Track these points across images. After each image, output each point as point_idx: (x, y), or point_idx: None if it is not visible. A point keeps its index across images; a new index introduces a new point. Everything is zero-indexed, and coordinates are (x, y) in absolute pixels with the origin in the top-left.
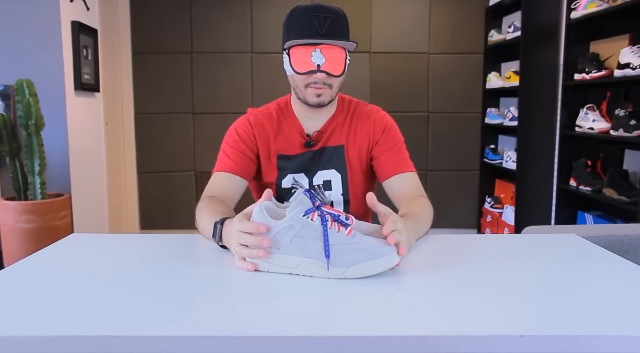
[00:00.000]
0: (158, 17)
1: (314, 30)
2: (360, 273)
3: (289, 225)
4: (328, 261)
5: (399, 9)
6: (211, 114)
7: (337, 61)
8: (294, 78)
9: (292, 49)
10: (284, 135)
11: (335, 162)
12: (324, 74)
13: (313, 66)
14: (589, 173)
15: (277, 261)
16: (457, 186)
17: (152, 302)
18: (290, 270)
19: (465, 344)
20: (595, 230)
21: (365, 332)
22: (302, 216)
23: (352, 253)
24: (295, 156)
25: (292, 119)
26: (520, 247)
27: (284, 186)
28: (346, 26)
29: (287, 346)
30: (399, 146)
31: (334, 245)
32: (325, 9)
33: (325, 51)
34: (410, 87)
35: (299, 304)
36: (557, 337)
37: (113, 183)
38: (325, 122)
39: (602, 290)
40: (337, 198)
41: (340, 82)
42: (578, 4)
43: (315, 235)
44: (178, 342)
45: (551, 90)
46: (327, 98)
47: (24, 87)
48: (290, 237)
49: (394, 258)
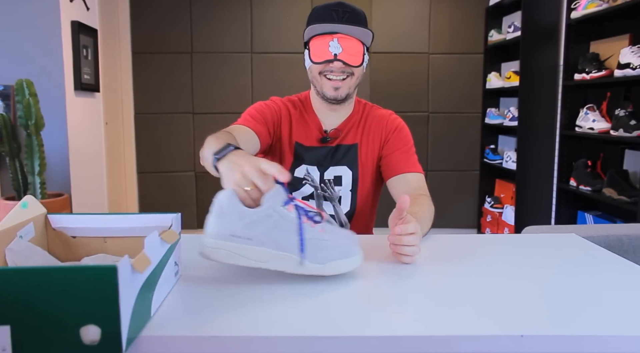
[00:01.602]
0: (158, 17)
1: (332, 20)
2: (336, 270)
3: (267, 214)
4: (303, 255)
5: (399, 9)
6: (211, 114)
7: (354, 51)
8: (311, 69)
9: (312, 42)
10: (304, 126)
11: (347, 159)
12: (341, 63)
13: (330, 54)
14: (589, 173)
15: (247, 254)
16: (457, 186)
17: None
18: (261, 263)
19: (465, 344)
20: (595, 230)
21: (365, 332)
22: (281, 206)
23: (326, 250)
24: (311, 148)
25: (312, 113)
26: (520, 247)
27: (296, 176)
28: (364, 21)
29: (288, 346)
30: (408, 147)
31: (309, 239)
32: (346, 5)
33: (342, 40)
34: (410, 87)
35: (298, 304)
36: (557, 337)
37: (113, 183)
38: (343, 121)
39: (602, 290)
40: (345, 194)
41: (358, 76)
42: (578, 4)
43: (292, 227)
44: (178, 342)
45: (551, 90)
46: (344, 91)
47: (24, 87)
48: (266, 227)
49: (361, 257)
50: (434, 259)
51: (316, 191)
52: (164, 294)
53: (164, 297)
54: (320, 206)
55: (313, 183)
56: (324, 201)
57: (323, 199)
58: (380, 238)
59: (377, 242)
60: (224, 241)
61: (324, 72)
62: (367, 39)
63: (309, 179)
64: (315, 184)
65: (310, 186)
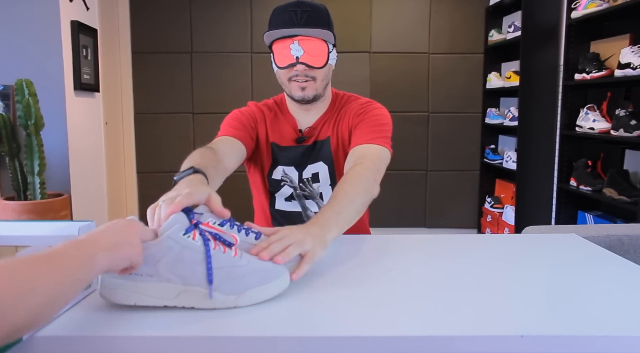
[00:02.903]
0: (158, 17)
1: (291, 23)
2: (254, 299)
3: (167, 245)
4: (211, 287)
5: (399, 9)
6: (211, 114)
7: (317, 52)
8: (278, 74)
9: (274, 46)
10: (279, 126)
11: (322, 155)
12: (303, 66)
13: (292, 58)
14: (589, 173)
15: (150, 292)
16: (457, 186)
17: None
18: (167, 301)
19: (465, 344)
20: (595, 230)
21: (365, 332)
22: (182, 235)
23: (241, 278)
24: (287, 147)
25: (287, 114)
26: (521, 247)
27: (274, 178)
28: (326, 19)
29: (288, 346)
30: (375, 122)
31: (220, 268)
32: (304, 4)
33: (303, 42)
34: (410, 87)
35: (298, 304)
36: (557, 337)
37: (113, 183)
38: (318, 119)
39: (603, 290)
40: (325, 189)
41: (324, 75)
42: (578, 3)
43: (198, 257)
44: (179, 341)
45: (551, 90)
46: (311, 92)
47: (24, 87)
48: (168, 261)
49: (287, 278)
50: (434, 259)
51: (295, 192)
52: None
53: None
54: (304, 205)
55: (291, 184)
56: (305, 200)
57: (304, 198)
58: (378, 238)
59: (376, 242)
60: (124, 280)
61: (291, 77)
62: (330, 37)
63: (286, 180)
64: (293, 184)
65: (289, 187)
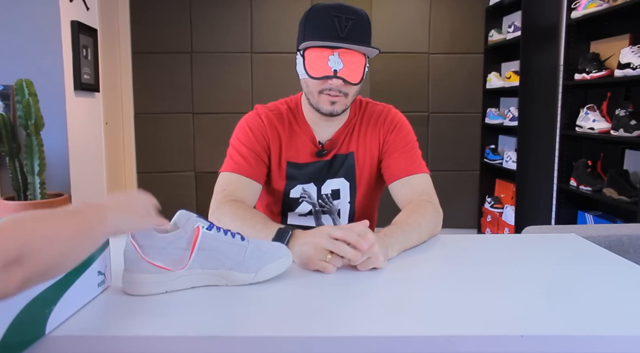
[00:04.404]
0: (158, 17)
1: (334, 32)
2: (269, 275)
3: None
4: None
5: (399, 9)
6: (211, 114)
7: (355, 67)
8: (307, 83)
9: (308, 51)
10: (296, 141)
11: (344, 170)
12: (341, 81)
13: (329, 71)
14: (589, 173)
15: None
16: (457, 186)
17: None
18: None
19: (465, 344)
20: (595, 230)
21: (365, 332)
22: (206, 229)
23: (255, 259)
24: (306, 164)
25: (304, 125)
26: (521, 247)
27: (292, 196)
28: (369, 30)
29: (288, 346)
30: (410, 146)
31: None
32: (348, 9)
33: (344, 55)
34: (410, 87)
35: (298, 304)
36: (557, 337)
37: (113, 183)
38: (338, 130)
39: (603, 290)
40: (344, 206)
41: (357, 91)
42: (578, 3)
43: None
44: (178, 341)
45: (551, 90)
46: (340, 107)
47: (24, 87)
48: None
49: (290, 257)
50: (434, 259)
51: (314, 208)
52: (75, 308)
53: (74, 311)
54: (319, 220)
55: (310, 200)
56: (322, 215)
57: (322, 213)
58: None
59: None
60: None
61: (323, 90)
62: (371, 53)
63: (305, 196)
64: (312, 201)
65: (307, 204)
